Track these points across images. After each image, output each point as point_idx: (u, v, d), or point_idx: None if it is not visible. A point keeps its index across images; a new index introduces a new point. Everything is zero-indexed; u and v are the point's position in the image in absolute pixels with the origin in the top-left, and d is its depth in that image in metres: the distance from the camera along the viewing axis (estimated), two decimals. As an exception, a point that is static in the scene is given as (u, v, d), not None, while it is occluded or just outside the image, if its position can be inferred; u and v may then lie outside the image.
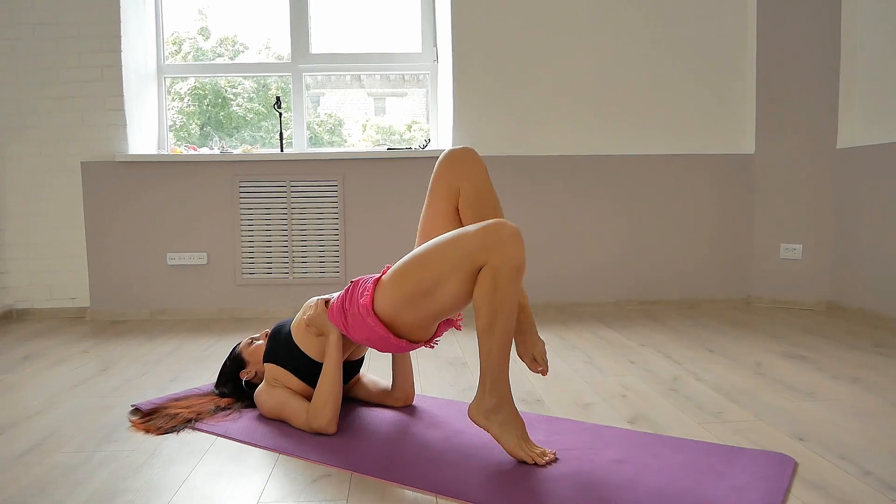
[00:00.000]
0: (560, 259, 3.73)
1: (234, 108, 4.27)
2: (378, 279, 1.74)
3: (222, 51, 4.21)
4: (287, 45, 3.92)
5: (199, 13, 4.10)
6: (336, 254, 3.68)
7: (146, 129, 3.80)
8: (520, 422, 1.62)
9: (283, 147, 3.78)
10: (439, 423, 1.89)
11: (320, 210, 3.66)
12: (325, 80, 4.31)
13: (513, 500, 1.42)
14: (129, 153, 3.60)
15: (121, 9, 3.53)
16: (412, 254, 1.68)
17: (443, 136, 3.87)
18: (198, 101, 4.22)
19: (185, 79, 4.14)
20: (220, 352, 2.83)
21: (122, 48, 3.55)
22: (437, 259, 1.60)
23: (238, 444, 1.78)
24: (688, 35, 3.70)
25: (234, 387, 2.05)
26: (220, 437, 1.82)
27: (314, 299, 1.88)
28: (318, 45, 3.93)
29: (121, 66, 3.55)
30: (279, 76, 4.09)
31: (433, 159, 3.30)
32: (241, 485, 1.54)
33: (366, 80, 4.33)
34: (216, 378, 2.13)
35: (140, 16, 3.75)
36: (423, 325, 1.71)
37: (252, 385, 2.02)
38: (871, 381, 2.26)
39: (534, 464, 1.57)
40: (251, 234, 3.66)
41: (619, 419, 1.94)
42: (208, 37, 4.17)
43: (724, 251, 3.79)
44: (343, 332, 1.81)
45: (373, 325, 1.70)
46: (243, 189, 3.64)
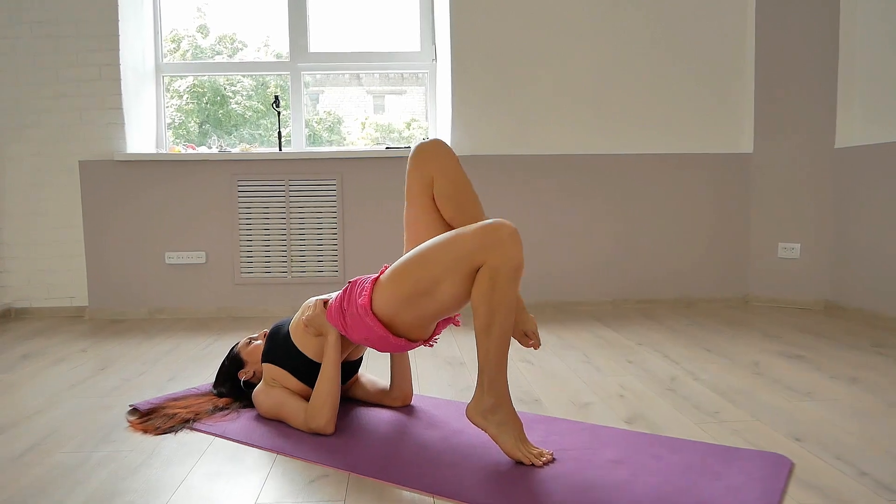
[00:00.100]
0: (558, 258, 3.73)
1: (233, 106, 4.26)
2: (376, 279, 1.74)
3: (221, 48, 4.20)
4: (286, 43, 3.92)
5: (198, 11, 4.10)
6: (334, 253, 3.68)
7: (144, 128, 3.80)
8: (517, 422, 1.63)
9: (281, 146, 3.78)
10: (437, 423, 1.89)
11: (319, 209, 3.66)
12: (323, 78, 4.31)
13: (510, 501, 1.42)
14: (128, 152, 3.60)
15: (119, 7, 3.53)
16: (410, 253, 1.68)
17: (442, 135, 3.87)
18: (196, 99, 4.22)
19: (184, 76, 4.14)
20: (218, 351, 2.84)
21: (120, 47, 3.55)
22: (435, 259, 1.61)
23: (236, 444, 1.78)
24: (687, 35, 3.70)
25: (233, 387, 2.05)
26: (218, 438, 1.82)
27: (313, 299, 1.88)
28: (316, 44, 3.93)
29: (119, 64, 3.55)
30: (278, 75, 4.08)
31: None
32: (239, 485, 1.54)
33: (365, 78, 4.33)
34: (214, 378, 2.13)
35: (138, 14, 3.74)
36: (422, 325, 1.72)
37: (250, 385, 2.02)
38: (870, 381, 2.27)
39: (531, 464, 1.58)
40: (250, 233, 3.66)
41: (616, 419, 1.95)
42: (207, 34, 4.17)
43: (722, 250, 3.79)
44: (342, 332, 1.81)
45: (371, 325, 1.71)
46: (242, 188, 3.64)
